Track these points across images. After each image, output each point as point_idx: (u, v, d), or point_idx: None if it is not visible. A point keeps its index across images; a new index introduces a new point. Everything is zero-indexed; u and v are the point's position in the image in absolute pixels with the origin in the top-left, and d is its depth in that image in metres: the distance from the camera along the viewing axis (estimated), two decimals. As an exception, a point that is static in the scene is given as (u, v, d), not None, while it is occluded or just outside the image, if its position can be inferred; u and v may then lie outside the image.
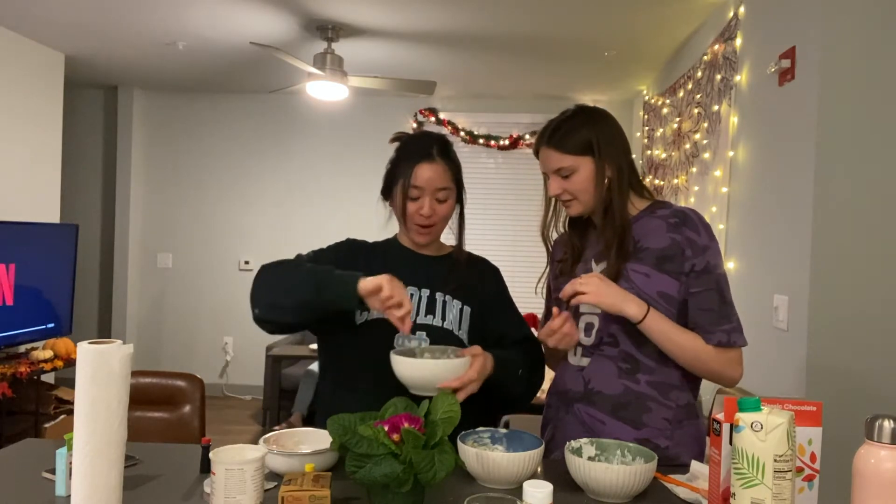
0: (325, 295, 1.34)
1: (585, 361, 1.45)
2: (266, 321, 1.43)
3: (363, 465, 1.08)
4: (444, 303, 1.53)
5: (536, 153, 1.49)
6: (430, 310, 1.52)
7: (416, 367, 1.31)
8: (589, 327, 1.46)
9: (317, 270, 1.38)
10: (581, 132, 1.42)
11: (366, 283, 1.30)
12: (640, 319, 1.33)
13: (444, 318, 1.52)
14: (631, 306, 1.33)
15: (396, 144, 1.56)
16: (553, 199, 1.52)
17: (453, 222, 1.58)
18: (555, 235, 1.55)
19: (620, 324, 1.41)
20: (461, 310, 1.54)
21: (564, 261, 1.53)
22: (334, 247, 1.61)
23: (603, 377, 1.42)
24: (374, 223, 1.63)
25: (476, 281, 1.60)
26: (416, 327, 1.49)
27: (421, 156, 1.49)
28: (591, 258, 1.49)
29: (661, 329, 1.35)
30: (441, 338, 1.50)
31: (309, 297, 1.35)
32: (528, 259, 5.46)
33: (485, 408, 1.47)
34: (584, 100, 5.43)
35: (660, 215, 1.44)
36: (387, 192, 1.56)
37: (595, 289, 1.32)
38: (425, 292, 1.53)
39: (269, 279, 1.43)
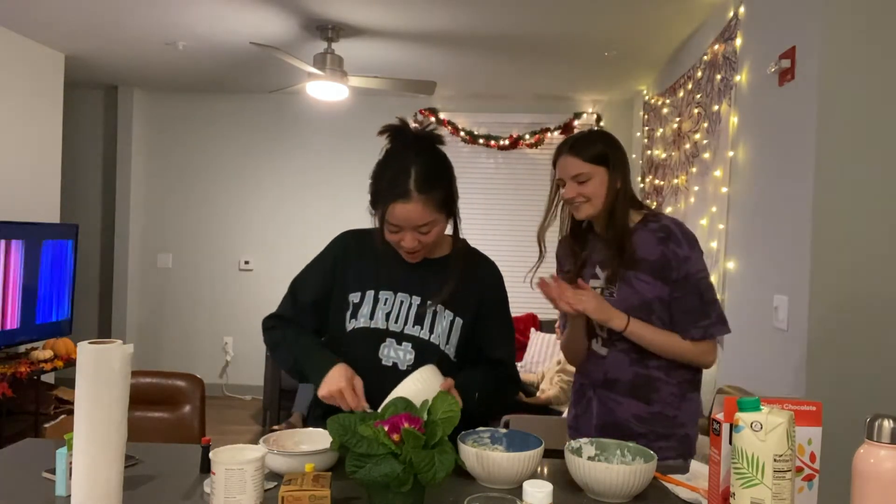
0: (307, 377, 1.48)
1: (604, 351, 1.68)
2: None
3: (363, 465, 1.09)
4: (435, 313, 1.49)
5: (555, 163, 1.69)
6: (419, 320, 1.49)
7: (397, 393, 1.28)
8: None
9: (297, 357, 1.50)
10: (598, 146, 1.65)
11: (322, 389, 1.39)
12: (622, 329, 1.59)
13: (431, 331, 1.49)
14: (615, 320, 1.59)
15: (384, 143, 1.47)
16: (554, 206, 1.72)
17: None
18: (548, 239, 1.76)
19: None
20: (452, 322, 1.50)
21: (571, 270, 1.73)
22: (326, 252, 1.60)
23: (618, 367, 1.66)
24: (374, 223, 1.63)
25: (475, 287, 1.54)
26: (402, 337, 1.49)
27: (396, 194, 1.37)
28: (596, 263, 1.70)
29: (641, 335, 1.60)
30: (426, 351, 1.48)
31: (296, 374, 1.52)
32: (528, 259, 5.44)
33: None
34: (585, 100, 5.44)
35: (651, 228, 1.64)
36: (374, 205, 1.46)
37: (589, 304, 1.58)
38: (416, 300, 1.50)
39: (268, 343, 1.59)
